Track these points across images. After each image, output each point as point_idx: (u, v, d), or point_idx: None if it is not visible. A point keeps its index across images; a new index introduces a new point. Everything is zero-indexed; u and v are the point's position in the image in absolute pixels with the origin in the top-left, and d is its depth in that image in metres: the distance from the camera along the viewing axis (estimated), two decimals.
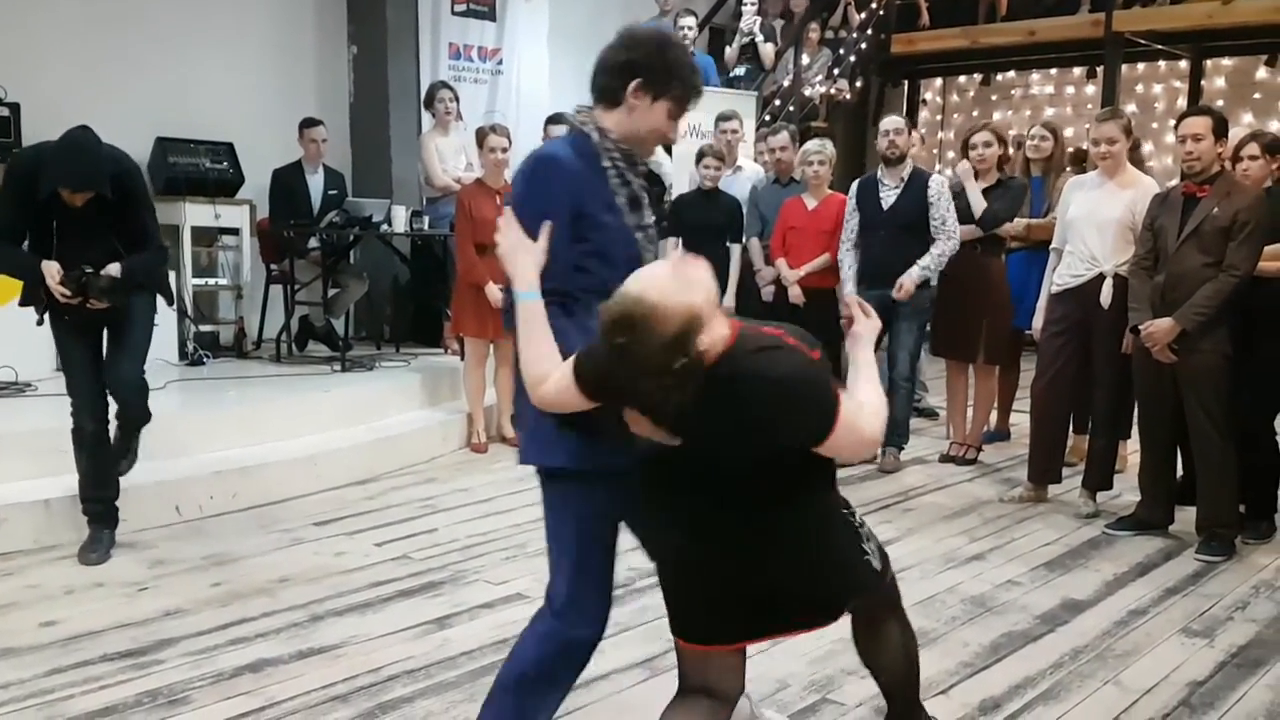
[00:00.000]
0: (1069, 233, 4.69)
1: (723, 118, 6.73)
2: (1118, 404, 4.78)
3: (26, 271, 3.77)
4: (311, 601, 3.60)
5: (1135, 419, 4.69)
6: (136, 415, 4.08)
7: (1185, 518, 4.45)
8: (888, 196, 5.38)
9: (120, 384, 3.96)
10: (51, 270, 3.70)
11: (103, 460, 3.99)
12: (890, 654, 2.46)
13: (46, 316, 3.90)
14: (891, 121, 5.53)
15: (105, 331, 3.96)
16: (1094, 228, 4.57)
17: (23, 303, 3.90)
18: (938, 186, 5.30)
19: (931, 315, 5.51)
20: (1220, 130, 4.13)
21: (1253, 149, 4.43)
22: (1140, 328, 4.21)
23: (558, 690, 2.28)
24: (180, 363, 6.16)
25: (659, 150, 7.67)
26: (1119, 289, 4.46)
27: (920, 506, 4.87)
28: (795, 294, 5.69)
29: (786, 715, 2.86)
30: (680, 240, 6.30)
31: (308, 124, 6.81)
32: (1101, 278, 4.55)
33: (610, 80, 2.18)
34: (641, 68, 2.15)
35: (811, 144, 5.83)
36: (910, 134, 5.58)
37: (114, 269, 3.78)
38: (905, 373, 5.49)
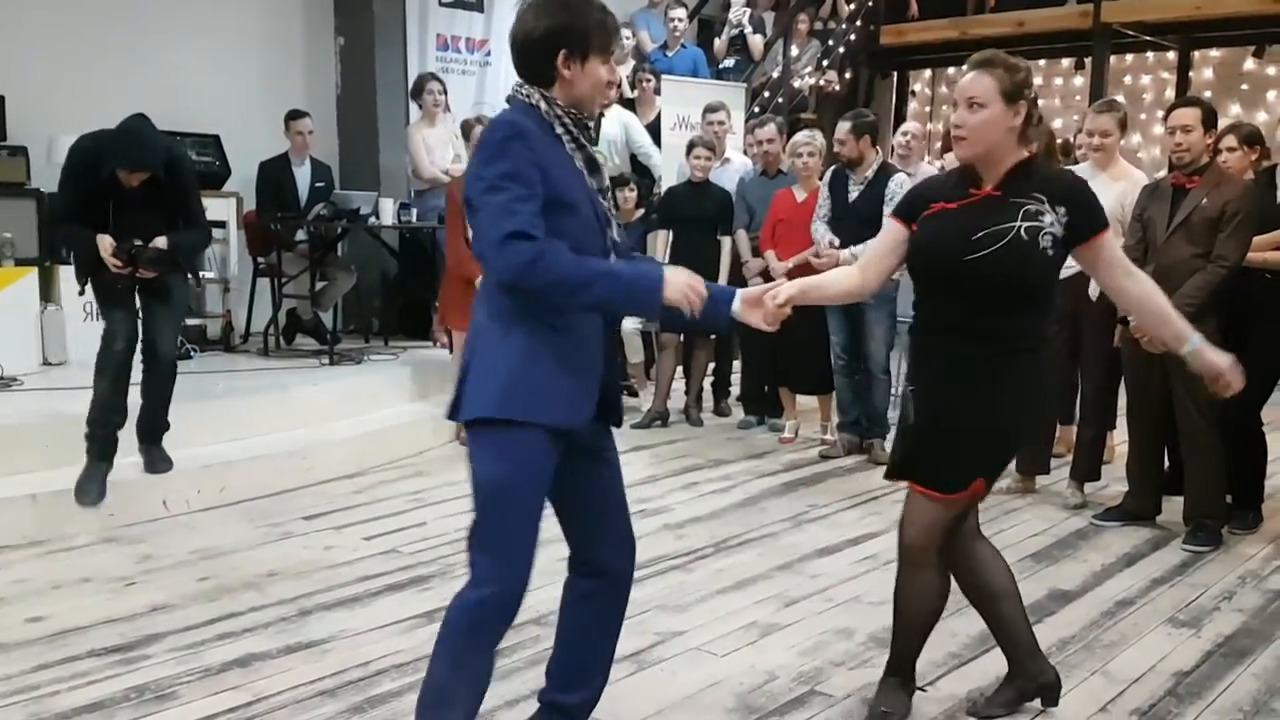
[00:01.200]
0: None
1: (710, 109, 6.73)
2: (1105, 395, 4.78)
3: (85, 245, 4.18)
4: (300, 596, 3.59)
5: (1122, 410, 4.69)
6: (163, 391, 4.39)
7: (1172, 508, 4.47)
8: (852, 191, 5.41)
9: (156, 359, 4.34)
10: (105, 243, 4.12)
11: (123, 384, 4.25)
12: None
13: (89, 288, 4.32)
14: (838, 129, 5.44)
15: (140, 306, 4.33)
16: None
17: (79, 276, 4.33)
18: (896, 185, 5.23)
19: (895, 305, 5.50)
20: (1210, 121, 4.13)
21: (1230, 141, 4.44)
22: (1131, 320, 4.21)
23: (487, 650, 2.26)
24: None
25: (648, 142, 7.71)
26: None
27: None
28: None
29: (772, 707, 2.86)
30: (671, 232, 6.31)
31: (293, 116, 6.78)
32: None
33: (535, 61, 2.16)
34: (561, 36, 2.13)
35: (801, 135, 5.82)
36: (862, 139, 5.38)
37: (161, 242, 4.20)
38: (882, 364, 5.55)
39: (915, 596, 2.68)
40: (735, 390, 6.73)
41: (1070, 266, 4.56)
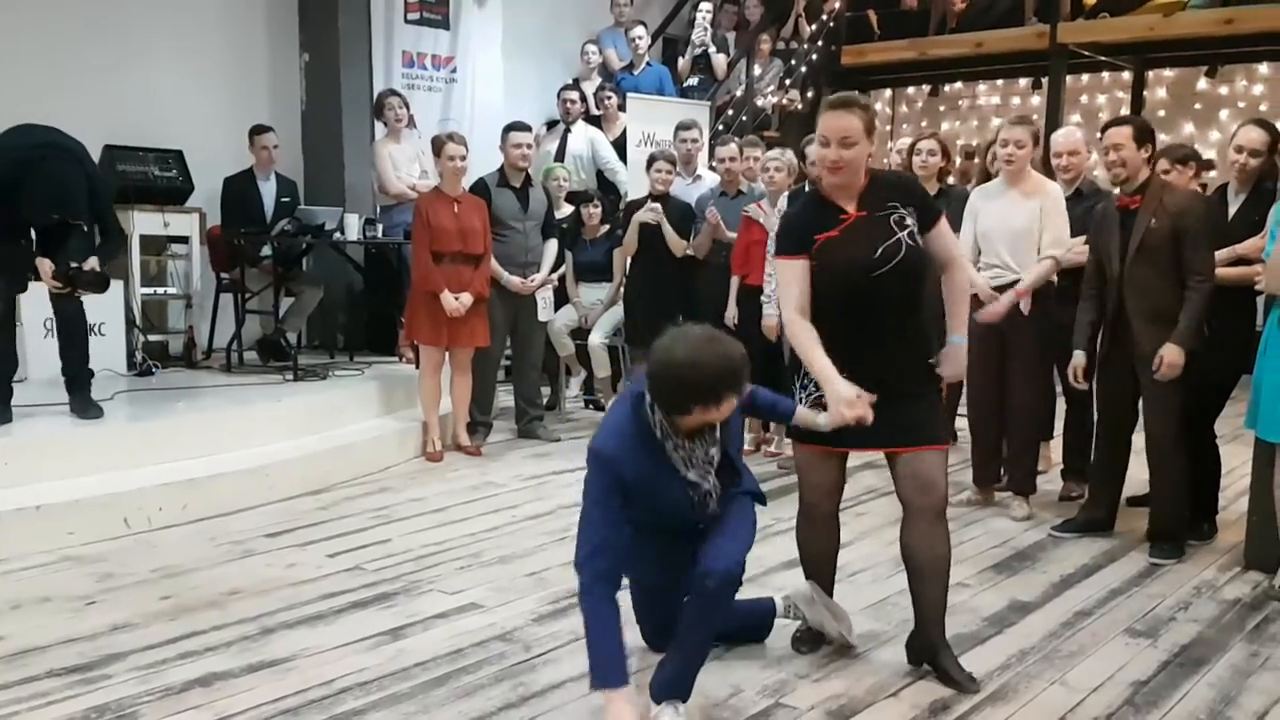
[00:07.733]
0: (982, 244, 4.73)
1: (682, 126, 6.78)
2: (1041, 406, 4.86)
3: (27, 265, 4.54)
4: (262, 614, 3.56)
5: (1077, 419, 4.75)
6: (71, 344, 4.74)
7: (1127, 518, 4.55)
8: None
9: (57, 317, 4.76)
10: (45, 267, 4.48)
11: (7, 335, 4.65)
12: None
13: None
14: (771, 157, 5.68)
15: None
16: (1005, 238, 4.62)
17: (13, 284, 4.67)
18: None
19: None
20: (1142, 138, 4.12)
21: (1163, 164, 4.50)
22: (1162, 359, 4.09)
23: None
24: (129, 373, 6.07)
25: (614, 158, 7.80)
26: (1040, 295, 4.59)
27: (872, 511, 4.92)
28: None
29: (745, 717, 2.88)
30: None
31: (257, 131, 6.76)
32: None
33: (680, 409, 2.67)
34: (704, 395, 2.62)
35: (772, 151, 5.86)
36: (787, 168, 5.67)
37: (94, 264, 4.56)
38: None
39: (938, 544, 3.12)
40: None
41: (997, 278, 4.69)
